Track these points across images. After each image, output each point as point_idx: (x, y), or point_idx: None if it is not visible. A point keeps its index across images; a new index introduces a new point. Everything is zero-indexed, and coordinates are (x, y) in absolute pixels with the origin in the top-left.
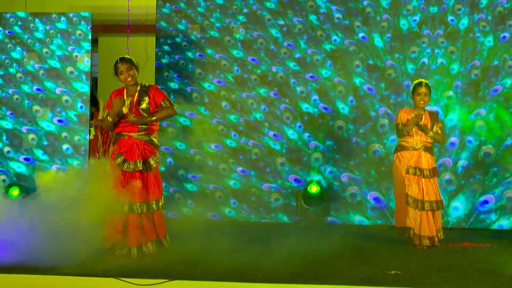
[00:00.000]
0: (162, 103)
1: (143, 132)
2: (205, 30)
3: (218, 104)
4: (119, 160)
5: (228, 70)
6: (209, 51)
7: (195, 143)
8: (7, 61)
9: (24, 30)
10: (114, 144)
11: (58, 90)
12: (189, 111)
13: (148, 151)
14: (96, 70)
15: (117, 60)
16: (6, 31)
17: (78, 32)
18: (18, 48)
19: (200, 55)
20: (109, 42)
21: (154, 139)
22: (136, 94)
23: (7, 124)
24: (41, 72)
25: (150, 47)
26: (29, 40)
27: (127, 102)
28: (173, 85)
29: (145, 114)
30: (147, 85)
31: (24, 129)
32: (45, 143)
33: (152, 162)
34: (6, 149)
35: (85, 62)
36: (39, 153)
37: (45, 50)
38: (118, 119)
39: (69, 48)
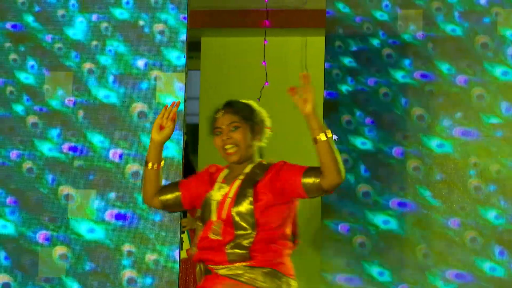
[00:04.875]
0: (304, 180)
1: (240, 264)
2: (436, 25)
3: None
4: None
5: None
6: (444, 67)
7: None
8: (9, 88)
9: (45, 23)
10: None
11: (114, 153)
12: None
13: None
14: (195, 108)
15: (219, 108)
16: (7, 25)
17: (160, 27)
18: (31, 62)
19: (423, 77)
20: (221, 47)
21: (264, 278)
22: (237, 183)
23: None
24: (80, 113)
25: (312, 59)
26: (56, 45)
27: (214, 198)
28: (362, 143)
29: (242, 224)
30: (266, 162)
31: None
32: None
33: None
34: None
35: (175, 92)
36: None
37: (88, 65)
38: (202, 222)
39: (140, 62)
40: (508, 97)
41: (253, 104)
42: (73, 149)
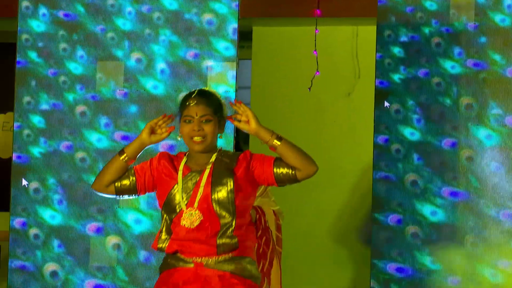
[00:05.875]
0: (276, 170)
1: (228, 255)
2: (486, 15)
3: None
4: None
5: None
6: (496, 56)
7: None
8: (61, 77)
9: (94, 13)
10: (158, 279)
11: (163, 144)
12: None
13: None
14: (247, 97)
15: (191, 93)
16: (60, 14)
17: (211, 16)
18: (81, 52)
19: (475, 66)
20: (273, 36)
21: (250, 267)
22: (207, 171)
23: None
24: (130, 106)
25: (363, 48)
26: (108, 34)
27: (183, 186)
28: (411, 133)
29: (222, 213)
30: (230, 152)
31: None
32: None
33: None
34: None
35: (227, 81)
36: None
37: (136, 55)
38: (166, 212)
39: (191, 52)
40: None
41: (219, 96)
42: (125, 138)
